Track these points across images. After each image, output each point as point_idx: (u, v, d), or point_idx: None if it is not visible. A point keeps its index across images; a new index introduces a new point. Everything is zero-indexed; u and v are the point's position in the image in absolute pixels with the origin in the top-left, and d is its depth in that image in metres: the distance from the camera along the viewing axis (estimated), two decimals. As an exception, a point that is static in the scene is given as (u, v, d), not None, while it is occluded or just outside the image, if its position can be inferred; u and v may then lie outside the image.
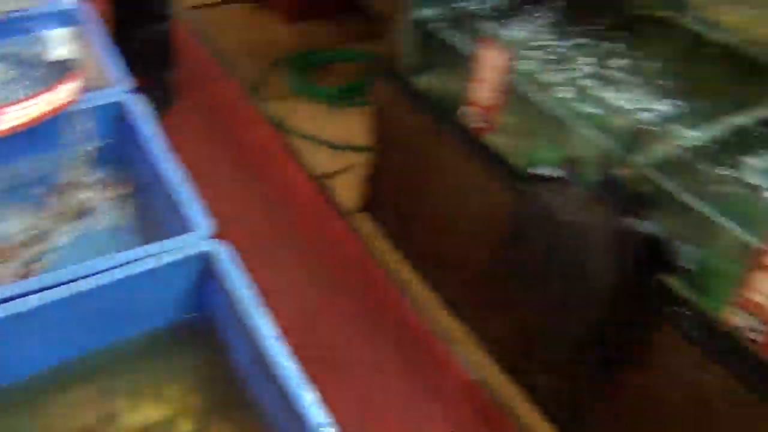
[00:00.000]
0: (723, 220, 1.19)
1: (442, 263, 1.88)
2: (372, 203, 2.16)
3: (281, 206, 2.20)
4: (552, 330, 1.40)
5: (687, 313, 1.25)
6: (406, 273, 1.99)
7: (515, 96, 1.51)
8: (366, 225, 2.14)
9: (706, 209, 1.21)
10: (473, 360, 1.76)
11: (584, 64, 1.62)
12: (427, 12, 1.74)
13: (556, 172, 1.38)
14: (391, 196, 2.05)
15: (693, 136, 1.35)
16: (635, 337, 1.32)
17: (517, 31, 1.74)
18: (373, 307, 1.89)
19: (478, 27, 1.69)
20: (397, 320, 1.86)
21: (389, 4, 1.78)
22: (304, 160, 2.39)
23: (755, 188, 1.27)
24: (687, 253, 1.22)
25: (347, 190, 2.24)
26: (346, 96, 2.69)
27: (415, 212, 1.94)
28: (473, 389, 1.70)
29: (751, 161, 1.30)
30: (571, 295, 1.33)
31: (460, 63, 1.62)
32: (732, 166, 1.30)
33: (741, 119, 1.40)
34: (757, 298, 1.14)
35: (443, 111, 1.72)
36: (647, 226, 1.21)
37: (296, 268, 1.98)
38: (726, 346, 1.20)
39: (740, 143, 1.38)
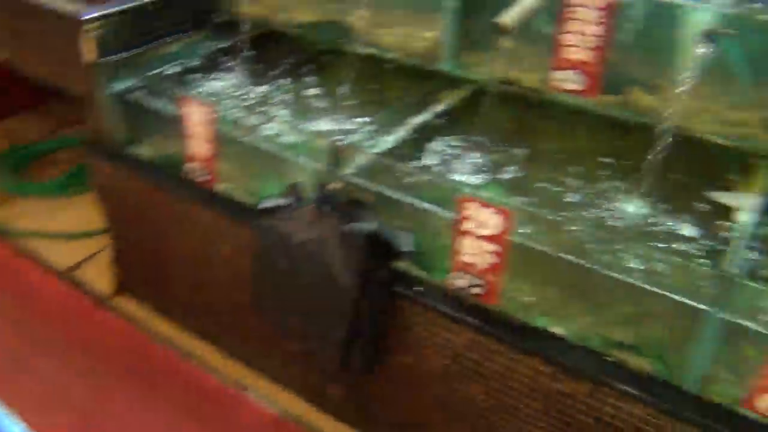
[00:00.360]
0: (423, 204, 1.40)
1: (213, 317, 1.90)
2: (128, 281, 2.12)
3: (28, 313, 2.06)
4: (321, 342, 1.51)
5: (422, 289, 1.44)
6: (183, 338, 1.98)
7: (229, 143, 1.61)
8: (129, 304, 2.09)
9: (408, 198, 1.41)
10: (272, 396, 1.81)
11: (284, 101, 1.78)
12: (123, 84, 1.77)
13: (283, 201, 1.50)
14: (145, 269, 2.03)
15: (386, 140, 1.56)
16: (389, 322, 1.48)
17: (218, 84, 1.85)
18: (155, 380, 1.86)
19: (177, 88, 1.76)
20: (184, 384, 1.85)
21: (86, 83, 1.77)
22: (43, 258, 2.26)
23: (438, 171, 1.51)
24: (407, 239, 1.40)
25: (99, 276, 2.17)
26: (71, 184, 2.59)
27: (172, 277, 1.94)
28: (278, 423, 1.75)
29: (433, 146, 1.55)
30: (327, 305, 1.45)
31: (170, 124, 1.68)
32: (419, 158, 1.54)
33: (421, 118, 1.65)
34: (467, 258, 1.36)
35: (168, 173, 1.77)
36: (369, 226, 1.37)
37: (62, 370, 1.87)
38: (459, 306, 1.40)
39: (424, 137, 1.62)
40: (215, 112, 1.58)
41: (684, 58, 1.32)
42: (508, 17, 1.26)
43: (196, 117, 1.61)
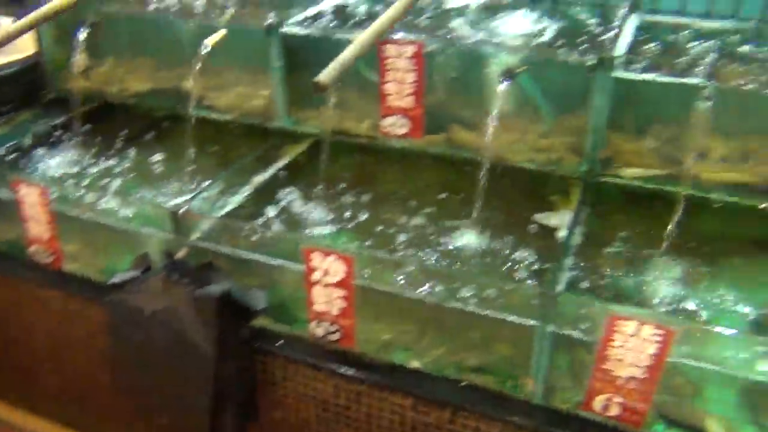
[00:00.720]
0: (272, 260, 1.43)
1: (78, 402, 1.82)
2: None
3: None
4: (188, 412, 1.49)
5: (283, 342, 1.46)
6: (49, 429, 1.88)
7: (70, 222, 1.58)
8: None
9: (257, 256, 1.44)
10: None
11: (125, 172, 1.77)
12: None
13: (132, 274, 1.48)
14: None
15: (232, 200, 1.59)
16: (255, 380, 1.48)
17: (54, 161, 1.81)
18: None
19: (9, 170, 1.71)
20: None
21: None
22: None
23: (284, 226, 1.58)
24: (260, 296, 1.43)
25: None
26: None
27: (29, 367, 1.84)
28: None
29: (280, 201, 1.63)
30: (188, 373, 1.43)
31: (5, 209, 1.62)
32: (266, 214, 1.59)
33: (264, 175, 1.69)
34: (320, 307, 1.40)
35: (10, 259, 1.70)
36: (219, 288, 1.38)
37: None
38: (320, 354, 1.43)
39: (270, 193, 1.67)
40: (50, 191, 1.54)
41: (493, 96, 1.44)
42: (325, 76, 1.33)
43: (31, 198, 1.56)
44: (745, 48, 1.48)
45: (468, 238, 1.52)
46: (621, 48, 1.47)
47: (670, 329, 1.11)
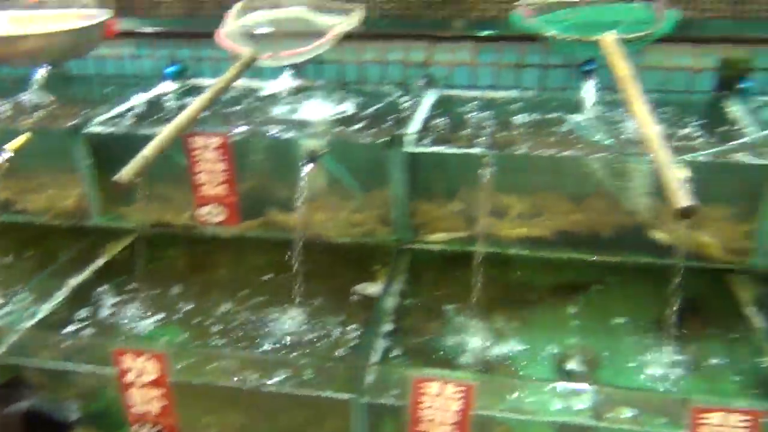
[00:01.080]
0: (85, 367, 1.36)
1: None
2: None
3: None
4: None
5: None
6: None
7: None
8: None
9: (71, 365, 1.37)
10: None
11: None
12: None
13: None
14: None
15: (43, 309, 1.52)
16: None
17: None
18: None
19: None
20: None
21: None
22: None
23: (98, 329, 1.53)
24: (70, 408, 1.36)
25: None
26: None
27: None
28: None
29: (98, 302, 1.58)
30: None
31: None
32: (81, 319, 1.53)
33: (81, 277, 1.64)
34: (140, 409, 1.34)
35: None
36: (25, 405, 1.31)
37: None
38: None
39: (87, 294, 1.61)
40: None
41: (302, 178, 1.49)
42: (125, 172, 1.32)
43: None
44: (523, 116, 1.63)
45: (291, 318, 1.54)
46: (417, 123, 1.58)
47: (470, 384, 1.17)
